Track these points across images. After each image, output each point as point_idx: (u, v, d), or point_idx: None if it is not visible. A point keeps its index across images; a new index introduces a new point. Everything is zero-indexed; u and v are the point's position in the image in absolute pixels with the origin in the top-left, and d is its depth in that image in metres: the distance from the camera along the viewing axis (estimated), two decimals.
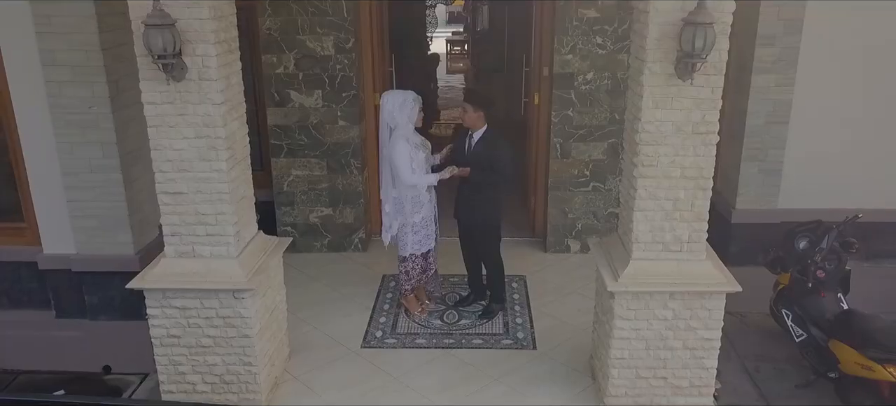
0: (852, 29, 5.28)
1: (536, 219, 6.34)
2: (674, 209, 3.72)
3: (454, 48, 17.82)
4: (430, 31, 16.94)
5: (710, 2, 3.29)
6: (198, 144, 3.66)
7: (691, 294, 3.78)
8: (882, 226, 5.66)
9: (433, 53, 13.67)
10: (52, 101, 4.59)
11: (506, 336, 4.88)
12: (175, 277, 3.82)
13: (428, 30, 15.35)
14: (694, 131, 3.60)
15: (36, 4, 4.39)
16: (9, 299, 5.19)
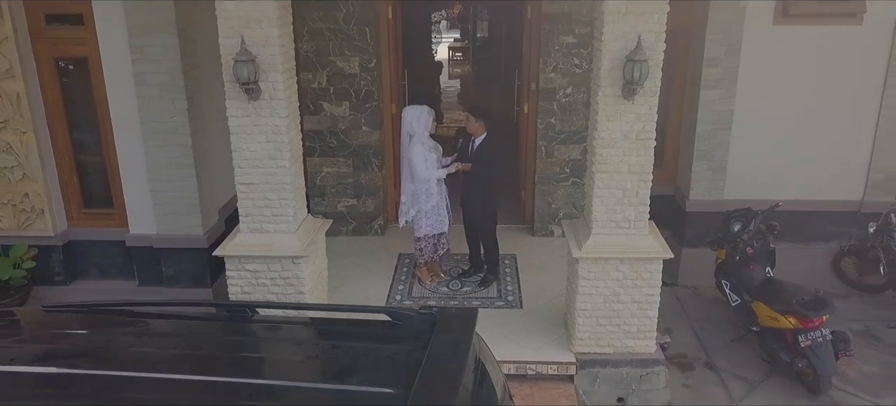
0: (780, 52, 6.56)
1: (526, 208, 7.62)
2: (623, 196, 4.98)
3: (456, 54, 19.08)
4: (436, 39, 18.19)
5: (645, 43, 4.56)
6: (267, 147, 4.93)
7: (636, 260, 5.04)
8: (807, 213, 6.93)
9: (437, 61, 14.97)
10: (141, 113, 5.87)
11: (499, 299, 6.16)
12: (248, 247, 5.09)
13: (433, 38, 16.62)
14: (637, 138, 4.86)
15: (133, 38, 5.67)
16: (100, 271, 6.48)
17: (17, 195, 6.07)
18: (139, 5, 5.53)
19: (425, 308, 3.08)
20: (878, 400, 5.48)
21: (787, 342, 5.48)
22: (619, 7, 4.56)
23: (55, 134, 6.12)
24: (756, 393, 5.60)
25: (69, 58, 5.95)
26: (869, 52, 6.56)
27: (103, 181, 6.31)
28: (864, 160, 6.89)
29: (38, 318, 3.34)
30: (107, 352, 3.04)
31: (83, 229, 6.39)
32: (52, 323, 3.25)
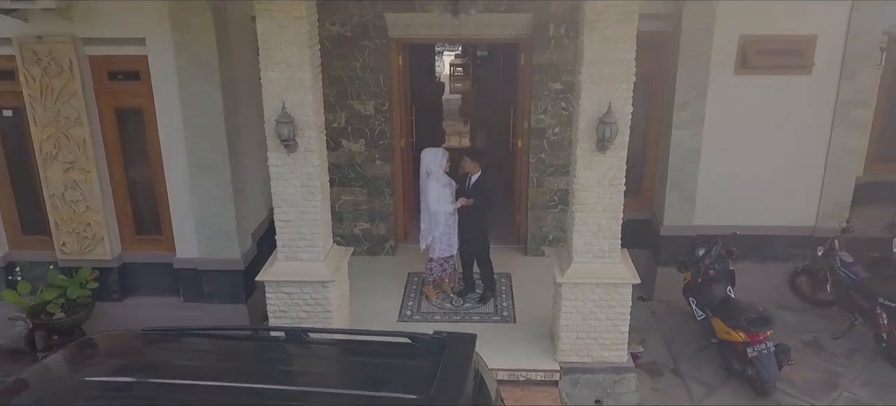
0: (741, 97, 7.56)
1: (520, 230, 8.65)
2: (598, 231, 6.01)
3: (456, 70, 20.06)
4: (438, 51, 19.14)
5: (615, 108, 5.58)
6: (302, 190, 5.96)
7: (609, 285, 6.07)
8: (767, 237, 7.95)
9: (439, 82, 16.02)
10: (189, 153, 6.90)
11: (495, 314, 7.20)
12: (285, 273, 6.13)
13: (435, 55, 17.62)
14: (610, 184, 5.89)
15: (183, 91, 6.69)
16: (149, 289, 7.50)
17: (81, 225, 7.09)
18: (189, 64, 6.55)
19: (438, 333, 4.12)
20: (816, 401, 6.52)
21: (738, 353, 6.51)
22: (594, 77, 5.59)
23: (113, 171, 7.14)
24: (714, 395, 6.63)
25: (127, 107, 6.96)
26: (818, 98, 7.57)
27: (153, 211, 7.34)
28: (816, 191, 7.90)
29: (141, 338, 4.36)
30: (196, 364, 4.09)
31: (135, 253, 7.42)
32: (152, 341, 4.29)
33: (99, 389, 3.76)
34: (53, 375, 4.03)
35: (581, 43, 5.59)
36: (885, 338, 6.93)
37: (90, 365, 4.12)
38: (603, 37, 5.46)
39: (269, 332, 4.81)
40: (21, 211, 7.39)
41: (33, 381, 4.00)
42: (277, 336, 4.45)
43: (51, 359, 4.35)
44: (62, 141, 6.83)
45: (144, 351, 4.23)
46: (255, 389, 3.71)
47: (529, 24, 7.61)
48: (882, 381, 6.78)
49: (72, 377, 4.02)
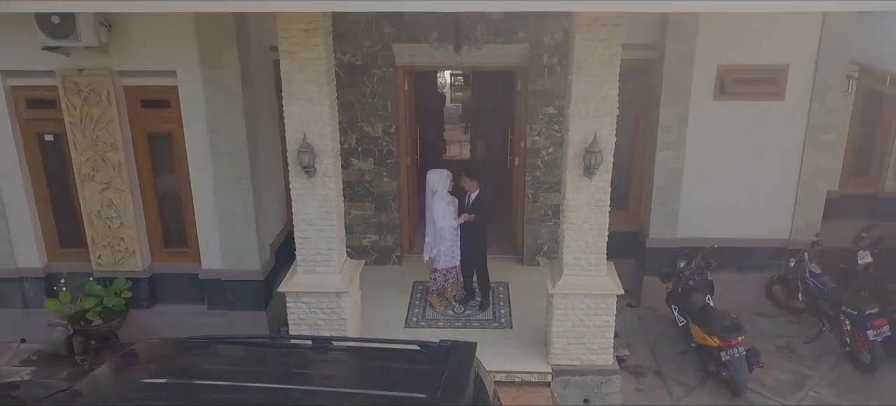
0: (720, 120, 8.26)
1: (516, 242, 9.36)
2: (586, 247, 6.72)
3: (457, 79, 20.79)
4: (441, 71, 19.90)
5: (600, 139, 6.29)
6: (320, 211, 6.68)
7: (596, 296, 6.78)
8: (746, 249, 8.67)
9: (441, 93, 16.74)
10: (213, 171, 7.60)
11: (494, 321, 7.92)
12: (304, 285, 6.84)
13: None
14: (596, 205, 6.59)
15: (210, 118, 7.40)
16: (176, 297, 8.21)
17: (115, 239, 7.80)
18: (216, 95, 7.27)
19: (444, 341, 4.84)
20: (784, 400, 7.23)
21: (713, 356, 7.23)
22: (581, 112, 6.30)
23: (144, 190, 7.85)
24: (691, 395, 7.35)
25: (158, 132, 7.67)
26: (791, 122, 8.28)
27: (180, 226, 8.05)
28: (790, 207, 8.61)
29: (188, 346, 5.07)
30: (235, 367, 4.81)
31: (164, 265, 8.13)
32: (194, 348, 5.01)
33: (156, 390, 4.47)
34: (117, 377, 4.75)
35: (570, 81, 6.31)
36: (848, 342, 7.64)
37: (146, 368, 4.82)
38: (589, 76, 6.17)
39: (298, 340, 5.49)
40: (59, 226, 8.10)
41: (100, 380, 4.71)
42: (305, 344, 5.15)
43: (110, 361, 5.06)
44: (99, 163, 7.54)
45: (190, 356, 4.94)
46: (289, 390, 4.43)
47: (525, 54, 8.33)
48: (845, 383, 7.49)
49: (132, 379, 4.74)
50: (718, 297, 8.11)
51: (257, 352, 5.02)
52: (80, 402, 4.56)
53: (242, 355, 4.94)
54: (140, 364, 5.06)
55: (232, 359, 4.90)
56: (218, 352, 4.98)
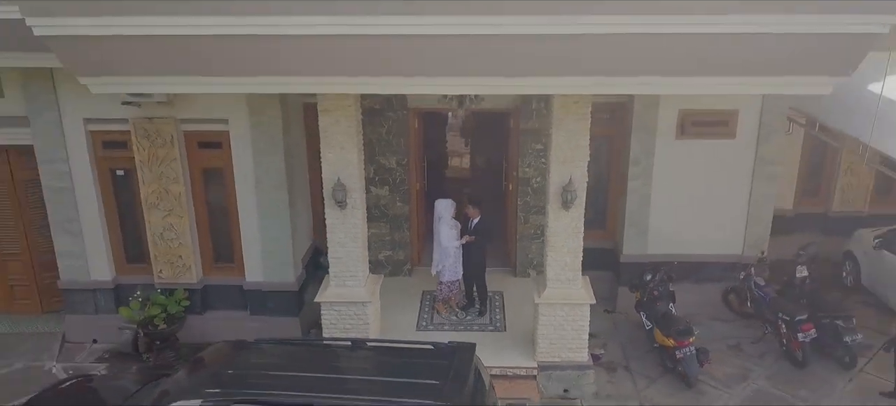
0: (681, 155, 9.94)
1: (510, 257, 11.06)
2: (565, 265, 8.41)
3: None
4: None
5: (574, 180, 7.98)
6: (349, 236, 8.36)
7: (573, 305, 8.48)
8: (706, 263, 10.36)
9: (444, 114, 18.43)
10: (257, 200, 9.29)
11: (490, 325, 9.61)
12: (336, 296, 8.53)
13: None
14: (572, 232, 8.28)
15: (255, 156, 9.08)
16: (223, 304, 9.90)
17: (174, 256, 9.50)
18: (261, 138, 8.95)
19: (451, 342, 6.54)
20: (729, 390, 8.93)
21: (670, 354, 8.93)
22: (559, 159, 7.98)
23: (198, 215, 9.54)
24: (653, 386, 9.04)
25: (211, 168, 9.36)
26: (741, 157, 9.96)
27: (228, 245, 9.74)
28: (742, 228, 10.30)
29: (260, 346, 6.76)
30: (293, 361, 6.52)
31: (214, 278, 9.82)
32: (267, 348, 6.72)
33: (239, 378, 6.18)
34: (206, 369, 6.45)
35: (550, 134, 8.01)
36: (784, 343, 9.35)
37: (228, 362, 6.54)
38: (566, 131, 7.86)
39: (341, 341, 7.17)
40: (126, 245, 9.79)
41: (192, 370, 6.42)
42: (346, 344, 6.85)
43: (196, 358, 6.77)
44: (163, 194, 9.24)
45: (258, 353, 6.64)
46: (336, 378, 6.13)
47: (517, 99, 10.03)
48: (781, 376, 9.19)
49: (220, 369, 6.46)
50: (682, 304, 9.83)
51: (310, 349, 6.72)
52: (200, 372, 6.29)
53: (300, 351, 6.66)
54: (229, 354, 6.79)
55: (292, 354, 6.61)
56: (282, 349, 6.70)
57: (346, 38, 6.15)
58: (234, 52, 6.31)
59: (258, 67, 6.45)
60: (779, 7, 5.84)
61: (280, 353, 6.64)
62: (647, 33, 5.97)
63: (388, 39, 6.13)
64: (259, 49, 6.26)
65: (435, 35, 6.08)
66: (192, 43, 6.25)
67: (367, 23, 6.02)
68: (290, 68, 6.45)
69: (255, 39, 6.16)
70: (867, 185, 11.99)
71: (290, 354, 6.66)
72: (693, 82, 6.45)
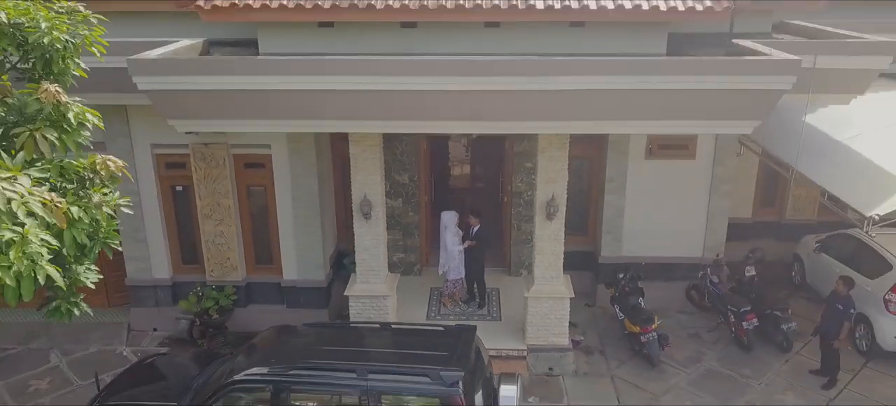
0: (650, 173, 12.07)
1: (506, 258, 13.18)
2: (549, 266, 10.53)
3: None
4: None
5: (556, 195, 10.09)
6: (373, 242, 10.48)
7: (555, 299, 10.60)
8: (671, 264, 12.48)
9: None
10: (293, 212, 11.41)
11: (488, 316, 11.73)
12: (362, 290, 10.65)
13: None
14: (554, 238, 10.40)
15: (293, 176, 11.20)
16: (264, 299, 12.00)
17: (223, 258, 11.61)
18: (298, 162, 11.07)
19: (458, 324, 8.68)
20: (686, 369, 11.05)
21: (637, 339, 11.05)
22: (544, 179, 10.10)
23: (244, 224, 11.65)
24: (623, 366, 11.15)
25: (255, 185, 11.48)
26: (700, 176, 12.07)
27: (268, 249, 11.86)
28: (701, 235, 12.41)
29: (306, 328, 8.89)
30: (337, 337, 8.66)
31: (256, 276, 11.94)
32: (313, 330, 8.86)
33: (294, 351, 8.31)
34: (267, 346, 8.58)
35: (537, 160, 10.13)
36: (733, 331, 11.48)
37: (284, 341, 8.66)
38: (549, 157, 9.98)
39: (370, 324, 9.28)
40: (182, 249, 11.92)
41: (255, 347, 8.55)
42: (374, 326, 8.97)
43: (257, 337, 8.89)
44: (215, 207, 11.35)
45: (306, 334, 8.77)
46: (369, 350, 8.25)
47: None
48: (730, 358, 11.30)
49: (278, 345, 8.59)
50: (652, 299, 11.95)
51: (347, 330, 8.85)
52: (263, 348, 8.43)
53: (339, 332, 8.79)
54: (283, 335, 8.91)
55: (333, 334, 8.73)
56: (324, 330, 8.83)
57: (377, 93, 8.28)
58: (291, 102, 8.43)
59: (308, 113, 8.59)
60: (697, 68, 7.98)
61: (323, 334, 8.77)
62: (601, 89, 8.10)
63: (408, 94, 8.26)
64: (311, 100, 8.39)
65: (444, 91, 8.21)
66: (259, 96, 8.37)
67: (393, 82, 8.16)
68: (333, 114, 8.58)
69: (310, 93, 8.29)
70: (815, 196, 14.09)
71: (332, 334, 8.79)
72: (641, 125, 8.61)
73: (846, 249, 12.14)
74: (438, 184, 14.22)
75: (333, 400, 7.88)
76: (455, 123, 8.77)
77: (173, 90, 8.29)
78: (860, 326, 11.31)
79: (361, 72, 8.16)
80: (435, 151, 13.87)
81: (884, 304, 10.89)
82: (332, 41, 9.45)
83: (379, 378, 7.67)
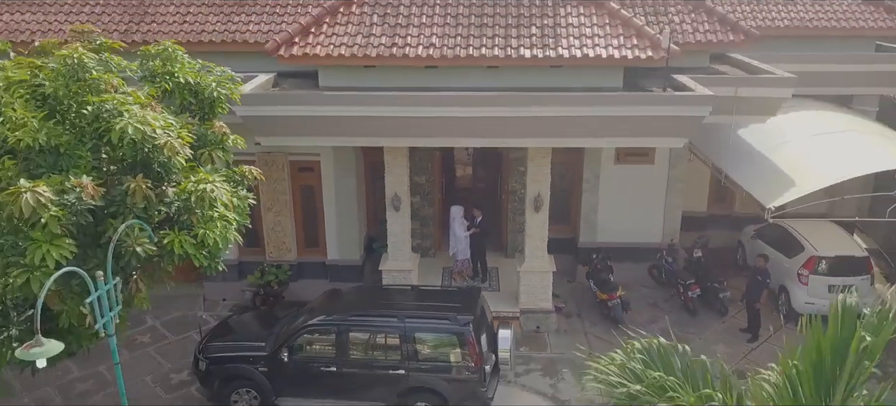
0: (619, 175, 15.65)
1: (503, 244, 16.73)
2: (537, 246, 14.10)
3: None
4: None
5: (541, 193, 13.67)
6: (401, 229, 14.04)
7: (541, 272, 14.15)
8: (636, 248, 16.06)
9: None
10: (336, 206, 14.98)
11: (489, 287, 15.30)
12: (393, 265, 14.20)
13: None
14: (540, 226, 13.97)
15: (336, 177, 14.78)
16: (311, 275, 15.55)
17: (280, 242, 15.18)
18: (341, 166, 14.64)
19: (468, 286, 12.35)
20: (644, 328, 14.54)
21: (605, 305, 14.63)
22: (532, 181, 13.68)
23: (296, 215, 15.20)
24: (595, 327, 14.71)
25: (306, 185, 15.04)
26: (658, 176, 15.63)
27: (315, 234, 15.41)
28: (660, 224, 16.00)
29: (353, 290, 12.50)
30: (379, 295, 12.32)
31: (305, 256, 15.51)
32: (359, 290, 12.49)
33: (347, 304, 11.93)
34: (326, 302, 12.18)
35: (527, 166, 13.70)
36: (682, 300, 15.07)
37: (338, 298, 12.27)
38: (536, 164, 13.54)
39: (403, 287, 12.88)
40: (245, 236, 15.46)
41: (317, 304, 12.14)
42: (405, 288, 12.57)
43: (317, 298, 12.48)
44: (274, 202, 14.91)
45: (353, 293, 12.37)
46: (403, 302, 11.86)
47: None
48: (680, 321, 14.85)
49: (333, 301, 12.20)
50: (622, 276, 15.48)
51: (385, 290, 12.49)
52: (322, 303, 12.04)
53: (379, 292, 12.42)
54: (337, 294, 12.51)
55: (375, 293, 12.37)
56: (368, 290, 12.45)
57: (407, 118, 11.82)
58: (344, 124, 11.97)
59: (357, 132, 12.14)
60: (637, 101, 11.56)
61: (367, 292, 12.37)
62: (569, 116, 11.66)
63: (430, 119, 11.81)
64: (360, 123, 11.93)
65: (456, 117, 11.77)
66: (321, 120, 11.93)
67: (419, 111, 11.71)
68: (373, 133, 12.12)
69: (360, 118, 11.84)
70: None
71: (374, 293, 12.40)
72: (599, 140, 12.20)
73: (774, 235, 15.70)
74: (448, 184, 17.81)
75: (380, 338, 11.45)
76: (464, 139, 12.35)
77: (262, 116, 11.84)
78: (782, 295, 14.90)
79: (396, 103, 11.71)
80: (445, 158, 17.46)
81: (797, 278, 14.48)
82: (374, 78, 12.99)
83: (413, 321, 11.26)
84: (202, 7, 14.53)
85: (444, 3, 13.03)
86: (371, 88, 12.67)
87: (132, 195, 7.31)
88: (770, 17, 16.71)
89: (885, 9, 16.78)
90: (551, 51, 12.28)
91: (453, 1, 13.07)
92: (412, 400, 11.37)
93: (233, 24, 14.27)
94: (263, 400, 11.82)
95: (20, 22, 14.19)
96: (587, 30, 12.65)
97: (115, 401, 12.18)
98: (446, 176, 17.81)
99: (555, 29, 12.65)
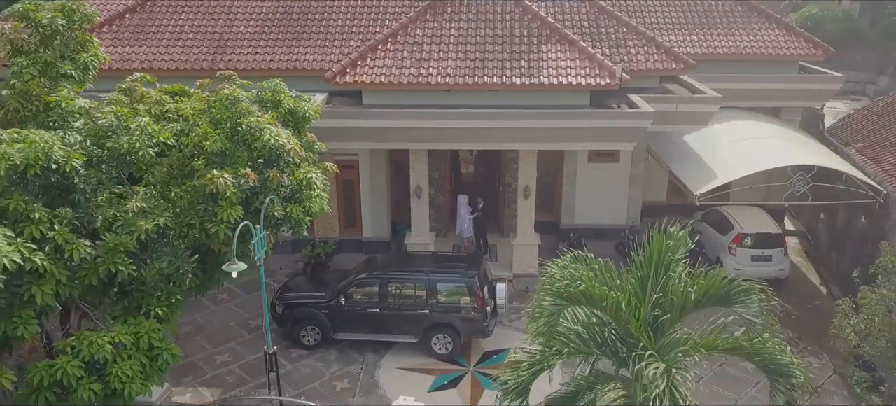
0: (591, 172, 20.59)
1: (501, 227, 21.62)
2: (526, 226, 19.01)
3: None
4: None
5: (530, 185, 18.58)
6: (422, 214, 18.97)
7: (529, 245, 19.07)
8: (606, 229, 21.00)
9: None
10: (371, 193, 19.89)
11: (490, 259, 20.20)
12: (415, 241, 19.10)
13: None
14: (528, 211, 18.87)
15: (371, 177, 19.69)
16: (350, 250, 20.41)
17: (327, 223, 20.07)
18: (376, 164, 19.57)
19: (473, 253, 17.35)
20: None
21: None
22: (523, 174, 18.61)
23: (339, 202, 20.10)
24: None
25: (348, 179, 19.93)
26: (623, 173, 20.55)
27: (354, 217, 20.30)
28: (625, 211, 20.94)
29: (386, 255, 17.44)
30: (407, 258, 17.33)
31: (346, 235, 20.42)
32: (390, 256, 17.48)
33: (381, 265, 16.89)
34: (365, 265, 17.09)
35: (519, 164, 18.63)
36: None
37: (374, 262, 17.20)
38: (526, 162, 18.44)
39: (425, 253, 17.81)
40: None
41: (360, 267, 17.05)
42: (427, 253, 17.49)
43: (361, 262, 17.39)
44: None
45: (386, 258, 17.29)
46: (425, 262, 16.80)
47: None
48: None
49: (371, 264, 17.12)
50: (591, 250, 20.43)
51: (412, 255, 17.41)
52: (364, 265, 16.97)
53: (406, 256, 17.34)
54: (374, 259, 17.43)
55: (403, 257, 17.30)
56: (397, 255, 17.38)
57: (429, 128, 16.74)
58: (381, 133, 16.87)
59: (391, 139, 17.06)
60: (595, 116, 16.54)
61: (399, 256, 17.32)
62: (546, 127, 16.60)
63: (447, 129, 16.74)
64: (394, 131, 16.83)
65: (465, 127, 16.69)
66: (367, 129, 16.85)
67: (439, 123, 16.65)
68: (404, 139, 17.04)
69: (394, 128, 16.75)
70: None
71: (404, 257, 17.35)
72: (571, 145, 17.16)
73: (714, 218, 20.64)
74: (455, 178, 22.79)
75: (410, 288, 16.37)
76: (471, 143, 17.30)
77: (327, 127, 16.74)
78: (718, 265, 19.82)
79: (422, 117, 16.62)
80: (454, 158, 22.41)
81: (728, 250, 19.43)
82: (405, 98, 17.85)
83: (434, 275, 16.20)
84: (269, 41, 19.44)
85: (457, 43, 17.93)
86: (402, 106, 17.57)
87: (271, 181, 12.15)
88: (713, 45, 21.64)
89: (804, 39, 21.76)
90: (535, 78, 17.17)
91: (463, 42, 17.98)
92: (434, 333, 16.29)
93: (293, 54, 19.17)
94: (324, 334, 16.73)
95: (130, 54, 19.07)
96: (562, 63, 17.54)
97: (209, 340, 17.23)
98: (454, 172, 22.76)
99: (538, 62, 17.55)
